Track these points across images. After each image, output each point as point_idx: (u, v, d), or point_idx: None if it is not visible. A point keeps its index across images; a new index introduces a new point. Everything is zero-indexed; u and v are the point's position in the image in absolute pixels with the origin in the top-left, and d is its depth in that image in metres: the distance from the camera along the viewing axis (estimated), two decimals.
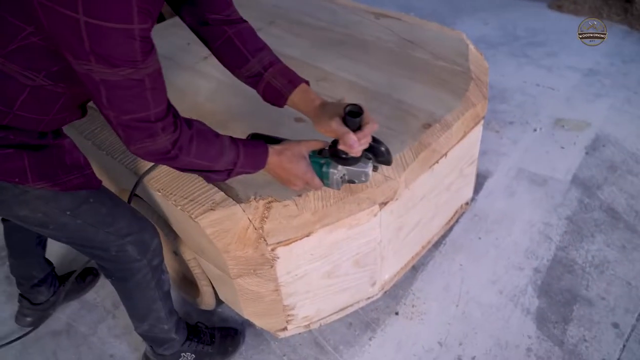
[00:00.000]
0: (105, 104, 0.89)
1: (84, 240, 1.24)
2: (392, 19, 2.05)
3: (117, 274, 1.35)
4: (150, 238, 1.32)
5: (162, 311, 1.45)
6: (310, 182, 1.15)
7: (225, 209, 1.25)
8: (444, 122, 1.50)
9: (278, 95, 1.19)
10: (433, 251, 1.93)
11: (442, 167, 1.57)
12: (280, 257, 1.32)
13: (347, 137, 1.06)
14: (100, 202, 1.21)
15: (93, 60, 0.82)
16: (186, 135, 0.98)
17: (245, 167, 1.08)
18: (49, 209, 1.12)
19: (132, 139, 0.94)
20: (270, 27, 2.04)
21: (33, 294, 1.78)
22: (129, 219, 1.27)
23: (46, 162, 1.07)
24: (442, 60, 1.76)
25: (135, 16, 0.80)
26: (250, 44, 1.19)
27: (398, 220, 1.50)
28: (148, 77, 0.88)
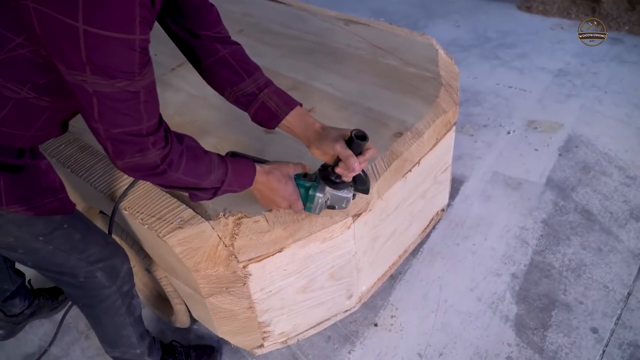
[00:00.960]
0: (96, 117, 0.85)
1: (53, 265, 1.19)
2: (361, 26, 2.03)
3: (84, 300, 1.31)
4: (121, 263, 1.28)
5: (133, 336, 1.42)
6: (294, 204, 1.16)
7: (194, 226, 1.21)
8: (415, 130, 1.48)
9: (272, 116, 1.17)
10: (411, 259, 1.91)
11: (416, 176, 1.56)
12: (252, 274, 1.29)
13: (351, 160, 1.07)
14: (74, 227, 1.17)
15: (89, 70, 0.78)
16: (176, 151, 0.95)
17: (233, 185, 1.07)
18: (21, 233, 1.07)
19: (121, 154, 0.90)
20: (239, 36, 1.98)
21: (7, 306, 1.73)
22: (101, 245, 1.24)
23: (22, 185, 1.02)
24: (412, 66, 1.75)
25: (137, 26, 0.77)
26: (246, 64, 1.19)
27: (373, 231, 1.48)
28: (143, 89, 0.85)
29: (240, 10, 2.23)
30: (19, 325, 1.81)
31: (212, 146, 1.44)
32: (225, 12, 2.19)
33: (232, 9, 2.25)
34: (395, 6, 3.94)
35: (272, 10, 2.22)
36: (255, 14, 2.19)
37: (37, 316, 1.85)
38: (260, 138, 1.47)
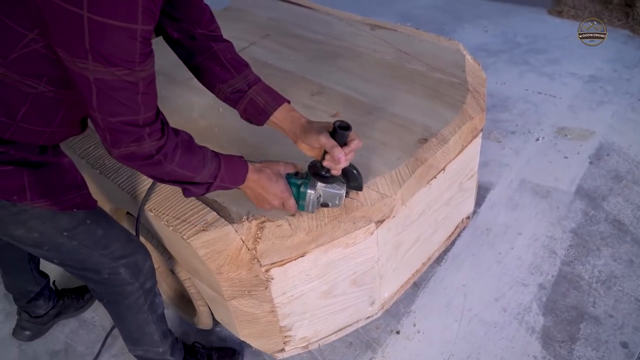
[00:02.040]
0: (95, 106, 0.87)
1: (77, 262, 1.21)
2: (387, 30, 2.02)
3: (109, 297, 1.33)
4: (143, 260, 1.30)
5: (155, 334, 1.43)
6: (286, 202, 1.17)
7: (218, 229, 1.22)
8: (440, 136, 1.46)
9: (260, 112, 1.20)
10: (434, 267, 1.89)
11: (440, 182, 1.54)
12: (274, 278, 1.29)
13: (336, 149, 1.09)
14: (97, 223, 1.19)
15: (90, 58, 0.80)
16: (172, 143, 0.97)
17: (225, 181, 1.09)
18: (45, 229, 1.10)
19: (117, 142, 0.92)
20: (264, 41, 2.02)
21: (31, 307, 1.77)
22: (123, 242, 1.25)
23: (45, 181, 1.05)
24: (438, 71, 1.73)
25: (139, 16, 0.80)
26: (235, 61, 1.22)
27: (396, 238, 1.47)
28: (142, 80, 0.87)
29: (266, 15, 2.24)
30: (45, 326, 1.84)
31: (236, 150, 1.45)
32: (251, 16, 2.24)
33: (257, 13, 2.27)
34: (422, 11, 3.92)
35: (298, 14, 2.23)
36: (281, 18, 2.20)
37: (62, 316, 1.88)
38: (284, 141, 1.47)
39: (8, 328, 1.91)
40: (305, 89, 1.70)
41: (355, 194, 1.29)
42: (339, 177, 1.18)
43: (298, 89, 1.70)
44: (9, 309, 1.98)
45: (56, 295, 1.84)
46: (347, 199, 1.27)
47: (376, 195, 1.31)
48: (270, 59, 1.88)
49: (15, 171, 1.00)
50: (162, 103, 1.76)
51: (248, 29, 2.13)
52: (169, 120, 1.01)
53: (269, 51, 1.94)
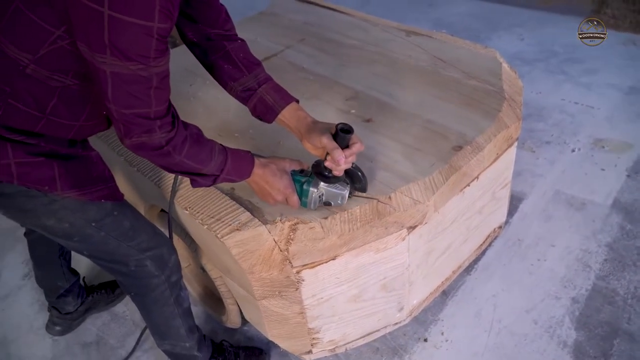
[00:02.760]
0: (110, 98, 0.92)
1: (105, 253, 1.26)
2: (423, 37, 2.02)
3: (136, 289, 1.36)
4: (169, 254, 1.34)
5: (182, 328, 1.45)
6: (290, 197, 1.21)
7: (251, 229, 1.24)
8: (475, 144, 1.45)
9: (269, 110, 1.24)
10: (464, 276, 1.87)
11: (474, 191, 1.53)
12: (305, 280, 1.30)
13: (336, 152, 1.12)
14: (124, 215, 1.23)
15: (109, 52, 0.86)
16: (181, 136, 1.02)
17: (231, 174, 1.14)
18: (75, 219, 1.14)
19: (129, 133, 0.97)
20: (300, 45, 2.04)
21: (60, 304, 1.82)
22: (149, 234, 1.30)
23: (74, 172, 1.10)
24: (474, 79, 1.72)
25: (156, 14, 0.85)
26: (247, 60, 1.26)
27: (427, 245, 1.46)
28: (156, 76, 0.92)
29: (302, 19, 2.26)
30: (75, 322, 1.89)
31: (271, 152, 1.47)
32: (287, 20, 2.26)
33: (293, 17, 2.29)
34: (457, 18, 3.89)
35: (334, 19, 2.24)
36: (317, 23, 2.22)
37: (92, 311, 1.93)
38: None
39: (42, 319, 1.97)
40: (339, 94, 1.71)
41: (388, 199, 1.29)
42: (342, 178, 1.22)
43: (332, 94, 1.71)
44: (43, 300, 2.04)
45: (85, 292, 1.89)
46: (380, 204, 1.28)
47: (409, 201, 1.31)
48: (306, 63, 1.90)
49: (46, 162, 1.05)
50: (198, 103, 1.80)
51: (284, 32, 2.16)
52: (206, 121, 1.03)
53: (304, 55, 1.96)
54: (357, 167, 1.24)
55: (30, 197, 1.08)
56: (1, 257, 2.30)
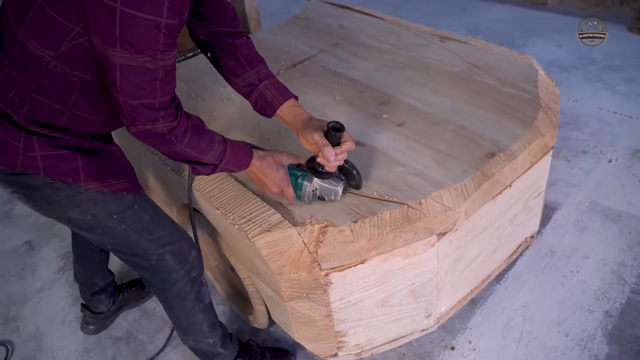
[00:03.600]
0: (119, 89, 0.97)
1: (127, 247, 1.30)
2: (457, 42, 2.00)
3: (157, 284, 1.40)
4: (188, 249, 1.38)
5: (204, 324, 1.48)
6: (285, 190, 1.26)
7: (281, 231, 1.25)
8: (509, 151, 1.44)
9: (268, 105, 1.29)
10: (494, 285, 1.84)
11: (506, 199, 1.51)
12: (333, 283, 1.31)
13: (326, 149, 1.17)
14: (144, 209, 1.28)
15: (119, 45, 0.91)
16: (182, 126, 1.07)
17: (230, 164, 1.19)
18: (97, 211, 1.20)
19: (135, 121, 1.02)
20: (333, 49, 2.05)
21: (93, 302, 1.86)
22: (169, 229, 1.34)
23: (97, 165, 1.17)
24: (509, 86, 1.69)
25: (165, 10, 0.91)
26: (250, 57, 1.30)
27: (457, 252, 1.45)
28: (162, 69, 0.98)
29: (335, 23, 2.27)
30: (108, 320, 1.94)
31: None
32: (321, 25, 2.28)
33: (328, 22, 2.30)
34: (491, 23, 3.84)
35: (367, 24, 2.25)
36: (350, 27, 2.23)
37: (124, 309, 1.98)
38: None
39: (75, 312, 2.03)
40: (371, 98, 1.71)
41: (418, 204, 1.29)
42: (336, 174, 1.26)
43: (364, 98, 1.71)
44: (76, 294, 2.10)
45: (117, 292, 1.94)
46: (410, 209, 1.28)
47: (440, 207, 1.30)
48: (338, 67, 1.91)
49: (70, 155, 1.12)
50: (231, 104, 1.82)
51: (317, 37, 2.17)
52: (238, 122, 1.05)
53: (337, 59, 1.97)
54: (352, 165, 1.28)
55: (55, 189, 1.14)
56: (37, 251, 2.38)
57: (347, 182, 1.30)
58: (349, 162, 1.27)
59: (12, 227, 2.55)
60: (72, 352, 1.89)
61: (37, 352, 1.91)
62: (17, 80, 1.03)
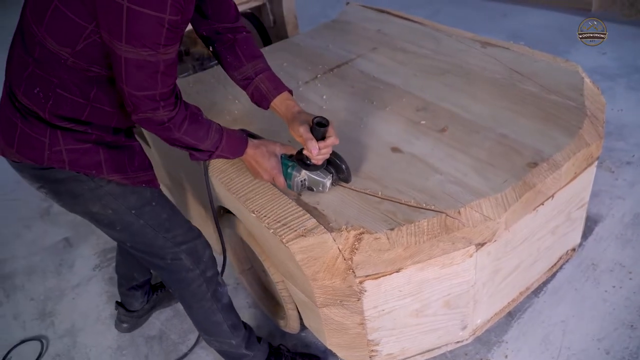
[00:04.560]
0: (124, 80, 1.04)
1: (144, 244, 1.35)
2: (499, 48, 1.96)
3: (174, 284, 1.43)
4: (203, 249, 1.42)
5: (224, 324, 1.50)
6: (276, 178, 1.33)
7: (316, 236, 1.24)
8: (552, 161, 1.39)
9: (263, 98, 1.36)
10: (532, 298, 1.79)
11: (548, 210, 1.46)
12: (367, 291, 1.29)
13: (310, 142, 1.23)
14: (161, 206, 1.34)
15: (124, 39, 0.98)
16: (181, 115, 1.14)
17: (226, 152, 1.26)
18: (117, 205, 1.25)
19: (137, 110, 1.09)
20: (371, 54, 2.04)
21: (129, 297, 1.89)
22: (185, 228, 1.39)
23: (118, 159, 1.23)
24: (553, 94, 1.65)
25: (168, 7, 0.97)
26: (248, 52, 1.37)
27: (495, 263, 1.41)
28: (163, 62, 1.04)
29: (374, 28, 2.26)
30: (141, 319, 1.97)
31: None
32: (359, 29, 2.27)
33: (367, 26, 2.29)
34: (532, 29, 3.76)
35: (406, 28, 2.22)
36: (389, 32, 2.20)
37: (157, 308, 2.01)
38: (386, 155, 1.47)
39: (110, 309, 2.07)
40: (410, 104, 1.69)
41: (457, 213, 1.26)
42: (323, 166, 1.32)
43: (403, 104, 1.69)
44: (111, 292, 2.14)
45: (151, 291, 1.96)
46: (449, 218, 1.25)
47: (479, 217, 1.26)
48: (377, 72, 1.89)
49: (93, 148, 1.18)
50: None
51: (356, 41, 2.16)
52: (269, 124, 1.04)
53: (375, 64, 1.95)
54: (341, 159, 1.33)
55: (79, 181, 1.20)
56: (75, 248, 2.44)
57: (337, 176, 1.35)
58: (339, 156, 1.33)
59: (51, 223, 2.62)
60: (105, 349, 1.92)
61: (71, 348, 1.95)
62: (40, 77, 1.09)
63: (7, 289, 2.28)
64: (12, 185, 2.88)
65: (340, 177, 1.36)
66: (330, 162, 1.33)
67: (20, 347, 1.99)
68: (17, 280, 2.32)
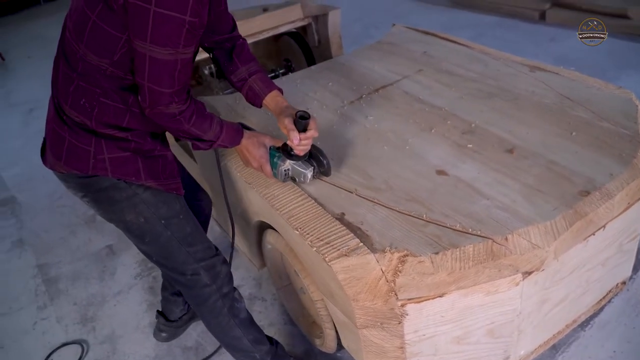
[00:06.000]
0: (145, 76, 1.15)
1: (167, 259, 1.45)
2: (548, 73, 1.93)
3: (193, 300, 1.53)
4: (220, 266, 1.50)
5: (244, 338, 1.57)
6: (263, 166, 1.48)
7: (359, 256, 1.23)
8: (604, 190, 1.35)
9: (256, 96, 1.50)
10: (578, 331, 1.72)
11: (599, 240, 1.41)
12: (409, 314, 1.27)
13: (291, 133, 1.36)
14: (187, 221, 1.44)
15: (149, 39, 1.10)
16: (190, 109, 1.26)
17: (225, 141, 1.39)
18: (149, 214, 1.36)
19: (153, 104, 1.19)
20: (417, 75, 2.03)
21: (170, 304, 1.92)
22: (204, 245, 1.48)
23: (153, 167, 1.34)
24: (605, 121, 1.60)
25: (188, 10, 1.09)
26: (242, 57, 1.50)
27: (542, 293, 1.37)
28: (181, 61, 1.16)
29: (420, 49, 2.26)
30: (180, 329, 2.00)
31: (382, 180, 1.47)
32: (405, 50, 2.27)
33: (412, 48, 2.29)
34: (580, 53, 3.67)
35: (452, 51, 2.21)
36: (435, 54, 2.20)
37: (195, 320, 2.03)
38: (431, 177, 1.46)
39: (149, 318, 2.10)
40: (455, 127, 1.67)
41: (504, 240, 1.23)
42: (305, 158, 1.45)
43: (448, 126, 1.68)
44: (150, 300, 2.18)
45: None
46: (495, 244, 1.22)
47: (527, 244, 1.24)
48: (422, 94, 1.89)
49: (132, 157, 1.30)
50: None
51: (401, 62, 2.16)
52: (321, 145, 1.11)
53: (421, 86, 1.95)
54: (322, 154, 1.45)
55: (118, 189, 1.31)
56: (118, 256, 2.50)
57: (318, 169, 1.47)
58: (322, 151, 1.45)
59: (96, 231, 2.70)
60: (143, 358, 1.95)
61: (110, 354, 1.99)
62: (85, 89, 1.22)
63: (51, 293, 2.35)
64: (60, 192, 2.99)
65: (321, 171, 1.48)
66: (313, 157, 1.46)
67: (61, 350, 2.05)
68: (62, 284, 2.39)
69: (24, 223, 2.91)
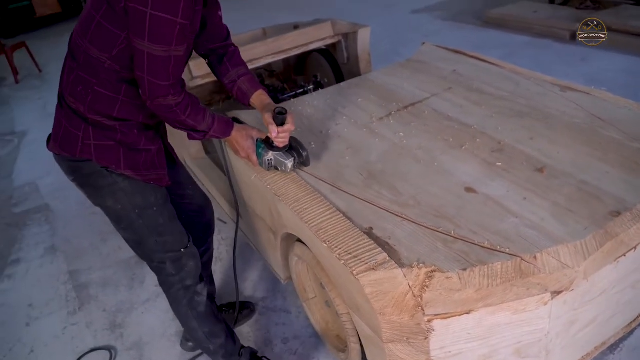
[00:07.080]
0: (145, 70, 1.28)
1: (139, 244, 1.57)
2: (580, 93, 1.92)
3: (161, 286, 1.67)
4: (187, 259, 1.61)
5: (199, 331, 1.69)
6: (250, 156, 1.65)
7: (387, 271, 1.25)
8: (636, 211, 1.34)
9: (244, 95, 1.65)
10: (607, 354, 1.69)
11: (630, 262, 1.39)
12: (435, 330, 1.27)
13: (271, 127, 1.54)
14: (161, 213, 1.54)
15: (146, 38, 1.24)
16: (185, 102, 1.40)
17: (217, 132, 1.54)
18: (125, 202, 1.47)
19: (152, 95, 1.32)
20: (446, 94, 2.05)
21: None
22: (176, 238, 1.58)
23: (135, 159, 1.45)
24: (636, 141, 1.59)
25: (180, 13, 1.23)
26: (233, 61, 1.66)
27: (571, 313, 1.36)
28: (174, 58, 1.29)
29: (449, 68, 2.28)
30: None
31: (410, 196, 1.48)
32: (434, 69, 2.29)
33: (441, 66, 2.31)
34: (612, 74, 3.64)
35: (482, 70, 2.23)
36: (465, 72, 2.21)
37: None
38: (459, 194, 1.46)
39: (176, 326, 2.14)
40: (485, 145, 1.68)
41: (533, 258, 1.23)
42: (286, 149, 1.61)
43: (477, 144, 1.69)
44: None
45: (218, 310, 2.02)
46: (524, 262, 1.22)
47: (556, 264, 1.23)
48: (452, 112, 1.90)
49: (115, 147, 1.41)
50: (342, 142, 1.86)
51: (430, 80, 2.19)
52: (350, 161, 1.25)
53: (450, 104, 1.96)
54: (302, 146, 1.62)
55: (102, 177, 1.43)
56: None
57: (298, 160, 1.63)
58: (301, 144, 1.63)
59: None
60: None
61: None
62: (83, 79, 1.36)
63: (82, 299, 2.41)
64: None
65: (301, 161, 1.64)
66: (294, 149, 1.62)
67: (90, 355, 2.09)
68: (92, 290, 2.45)
69: (56, 230, 3.00)
